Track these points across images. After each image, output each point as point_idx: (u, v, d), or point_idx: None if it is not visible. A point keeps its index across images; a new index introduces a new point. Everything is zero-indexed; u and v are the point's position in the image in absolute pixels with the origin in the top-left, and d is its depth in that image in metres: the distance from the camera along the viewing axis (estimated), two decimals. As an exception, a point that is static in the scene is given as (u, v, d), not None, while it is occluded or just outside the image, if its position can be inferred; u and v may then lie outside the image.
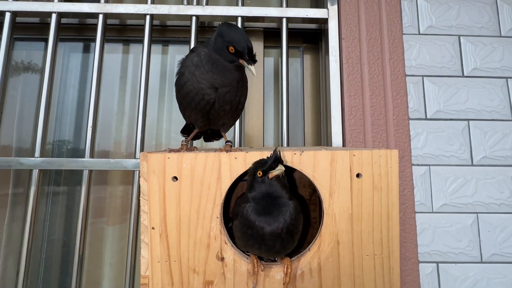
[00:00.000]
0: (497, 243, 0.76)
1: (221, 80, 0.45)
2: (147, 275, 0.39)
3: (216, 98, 0.45)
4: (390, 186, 0.40)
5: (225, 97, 0.46)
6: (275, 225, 0.39)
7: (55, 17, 0.84)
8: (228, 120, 0.50)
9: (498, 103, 0.82)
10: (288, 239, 0.40)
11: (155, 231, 0.40)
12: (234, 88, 0.46)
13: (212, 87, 0.45)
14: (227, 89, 0.46)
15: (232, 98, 0.47)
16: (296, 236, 0.42)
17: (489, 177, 0.79)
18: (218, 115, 0.48)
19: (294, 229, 0.41)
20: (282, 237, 0.40)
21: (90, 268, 0.91)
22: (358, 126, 0.80)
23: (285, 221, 0.40)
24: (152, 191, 0.40)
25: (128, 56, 1.01)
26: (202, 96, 0.45)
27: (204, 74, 0.45)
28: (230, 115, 0.49)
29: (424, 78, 0.83)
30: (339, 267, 0.40)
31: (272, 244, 0.40)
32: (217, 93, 0.45)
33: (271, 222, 0.40)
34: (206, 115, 0.48)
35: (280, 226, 0.39)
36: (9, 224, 0.90)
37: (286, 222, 0.40)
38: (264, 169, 0.40)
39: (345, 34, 0.84)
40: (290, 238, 0.41)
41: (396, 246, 0.40)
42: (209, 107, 0.46)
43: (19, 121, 0.96)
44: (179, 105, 0.51)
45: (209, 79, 0.45)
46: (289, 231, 0.40)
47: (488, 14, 0.86)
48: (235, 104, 0.48)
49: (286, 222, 0.40)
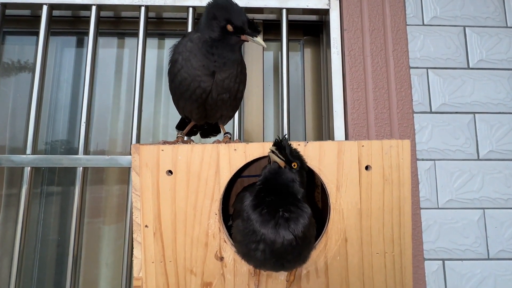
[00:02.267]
0: (504, 239, 0.74)
1: (220, 64, 0.42)
2: (140, 277, 0.37)
3: (213, 85, 0.42)
4: (401, 179, 0.38)
5: (223, 84, 0.43)
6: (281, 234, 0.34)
7: (46, 9, 0.81)
8: (226, 111, 0.46)
9: (504, 96, 0.80)
10: (299, 251, 0.35)
11: (148, 229, 0.37)
12: (233, 73, 0.43)
13: (208, 74, 0.42)
14: (226, 74, 0.43)
15: (231, 85, 0.44)
16: (309, 246, 0.36)
17: (495, 172, 0.77)
18: (215, 105, 0.44)
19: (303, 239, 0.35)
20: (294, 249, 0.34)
21: (86, 269, 0.88)
22: (361, 120, 0.78)
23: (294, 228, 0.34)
24: (145, 186, 0.37)
25: (123, 50, 0.98)
26: (198, 83, 0.42)
27: (201, 59, 0.42)
28: (228, 104, 0.45)
29: (429, 70, 0.81)
30: (347, 266, 0.38)
31: (281, 257, 0.34)
32: (214, 79, 0.42)
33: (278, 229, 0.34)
34: (203, 106, 0.44)
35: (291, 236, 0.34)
36: (3, 225, 0.88)
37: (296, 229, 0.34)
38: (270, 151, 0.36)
39: (347, 25, 0.81)
40: (302, 250, 0.35)
41: (408, 243, 0.38)
42: (205, 96, 0.43)
43: (11, 119, 0.93)
44: (173, 96, 0.47)
45: (206, 65, 0.42)
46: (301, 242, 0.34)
47: (494, 4, 0.84)
48: (234, 92, 0.45)
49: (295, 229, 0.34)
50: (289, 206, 0.36)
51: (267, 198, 0.36)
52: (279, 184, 0.37)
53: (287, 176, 0.37)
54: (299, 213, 0.36)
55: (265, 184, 0.37)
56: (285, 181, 0.37)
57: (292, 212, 0.35)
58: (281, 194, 0.37)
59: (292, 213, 0.35)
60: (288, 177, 0.37)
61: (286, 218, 0.34)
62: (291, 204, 0.36)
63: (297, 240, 0.34)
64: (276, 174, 0.37)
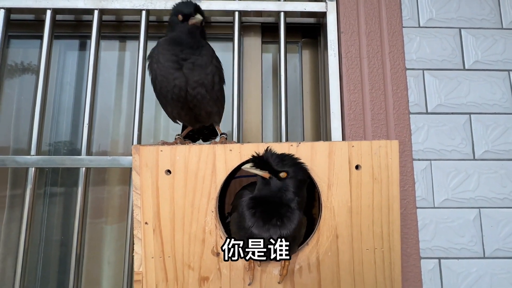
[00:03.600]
0: (500, 238, 0.75)
1: (185, 56, 0.44)
2: (140, 271, 0.38)
3: (185, 79, 0.44)
4: (390, 178, 0.39)
5: (194, 76, 0.44)
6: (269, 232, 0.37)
7: (50, 14, 0.83)
8: (210, 107, 0.47)
9: (500, 96, 0.81)
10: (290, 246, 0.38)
11: (148, 226, 0.39)
12: (198, 62, 0.44)
13: (178, 68, 0.43)
14: (191, 63, 0.44)
15: (202, 77, 0.44)
16: (294, 243, 0.39)
17: (491, 172, 0.78)
18: (197, 102, 0.45)
19: (290, 238, 0.38)
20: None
21: (89, 267, 0.90)
22: (358, 121, 0.79)
23: (282, 230, 0.37)
24: (145, 185, 0.39)
25: (125, 53, 1.00)
26: (173, 82, 0.44)
27: (168, 58, 0.44)
28: (208, 99, 0.46)
29: (425, 72, 0.82)
30: (338, 261, 0.39)
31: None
32: (184, 73, 0.43)
33: (267, 228, 0.37)
34: (187, 106, 0.46)
35: (276, 235, 0.37)
36: (7, 225, 0.90)
37: (284, 231, 0.37)
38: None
39: (344, 28, 0.83)
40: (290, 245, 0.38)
41: (397, 240, 0.39)
42: (184, 93, 0.44)
43: (15, 121, 0.95)
44: (161, 104, 0.50)
45: (174, 60, 0.44)
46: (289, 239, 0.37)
47: (489, 5, 0.85)
48: (210, 85, 0.45)
49: (283, 231, 0.37)
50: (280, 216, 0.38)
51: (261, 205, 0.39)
52: (269, 195, 0.38)
53: (274, 187, 0.38)
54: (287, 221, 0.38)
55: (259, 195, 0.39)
56: (273, 192, 0.38)
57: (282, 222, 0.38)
58: (272, 203, 0.39)
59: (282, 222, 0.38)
60: (274, 188, 0.38)
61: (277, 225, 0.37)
62: (281, 214, 0.38)
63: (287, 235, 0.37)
64: (265, 186, 0.39)
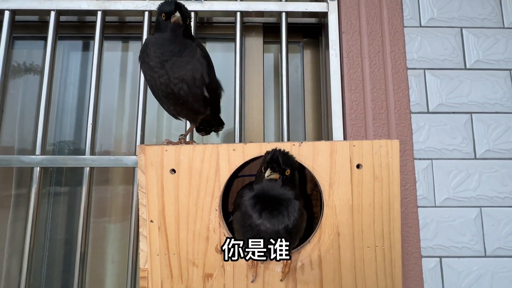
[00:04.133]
0: (501, 237, 0.75)
1: (168, 53, 0.45)
2: (146, 268, 0.39)
3: (168, 77, 0.44)
4: (391, 177, 0.39)
5: (174, 72, 0.45)
6: (274, 223, 0.38)
7: (54, 15, 0.84)
8: (198, 106, 0.48)
9: (501, 96, 0.81)
10: (288, 239, 0.38)
11: (153, 224, 0.40)
12: (178, 59, 0.45)
13: (160, 65, 0.45)
14: (171, 59, 0.45)
15: (182, 74, 0.45)
16: (296, 235, 0.40)
17: (492, 171, 0.78)
18: (182, 99, 0.46)
19: (294, 229, 0.39)
20: (281, 236, 0.38)
21: (93, 266, 0.91)
22: (359, 121, 0.79)
23: (286, 220, 0.38)
24: (150, 183, 0.40)
25: (128, 53, 1.01)
26: (158, 80, 0.45)
27: (152, 56, 0.46)
28: (192, 97, 0.46)
29: (426, 71, 0.82)
30: (340, 259, 0.40)
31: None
32: (165, 69, 0.45)
33: (271, 219, 0.38)
34: (178, 103, 0.47)
35: (281, 225, 0.38)
36: (12, 224, 0.91)
37: (288, 221, 0.38)
38: (264, 167, 0.39)
39: (345, 28, 0.83)
40: (290, 238, 0.39)
41: (397, 238, 0.39)
42: (170, 90, 0.45)
43: (20, 121, 0.96)
44: (161, 105, 0.51)
45: (157, 58, 0.45)
46: (289, 230, 0.38)
47: (491, 5, 0.85)
48: (191, 82, 0.45)
49: (287, 221, 0.38)
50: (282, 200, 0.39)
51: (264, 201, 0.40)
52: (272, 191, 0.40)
53: (279, 184, 0.40)
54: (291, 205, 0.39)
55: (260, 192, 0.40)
56: (277, 188, 0.40)
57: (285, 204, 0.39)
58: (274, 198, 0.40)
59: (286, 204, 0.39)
60: (279, 185, 0.40)
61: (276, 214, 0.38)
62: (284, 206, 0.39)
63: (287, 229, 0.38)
64: (268, 182, 0.40)
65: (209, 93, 0.49)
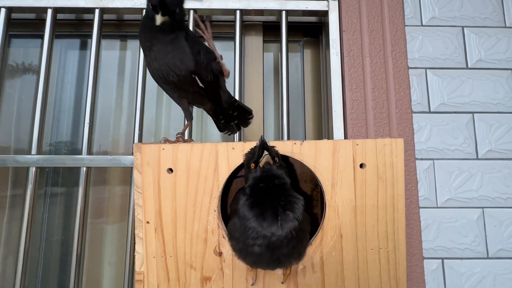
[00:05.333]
0: (503, 238, 0.75)
1: (148, 41, 0.45)
2: (142, 271, 0.38)
3: (156, 61, 0.45)
4: (395, 176, 0.38)
5: (160, 60, 0.45)
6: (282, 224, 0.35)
7: (50, 13, 0.83)
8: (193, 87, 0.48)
9: (503, 95, 0.81)
10: (296, 244, 0.36)
11: (150, 226, 0.38)
12: (164, 48, 0.45)
13: (148, 49, 0.45)
14: (156, 47, 0.45)
15: (166, 61, 0.45)
16: (305, 241, 0.38)
17: (494, 171, 0.77)
18: (177, 87, 0.47)
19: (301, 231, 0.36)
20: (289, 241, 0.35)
21: (90, 267, 0.89)
22: (360, 120, 0.78)
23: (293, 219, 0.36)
24: (147, 183, 0.38)
25: (126, 52, 1.00)
26: (152, 63, 0.46)
27: (142, 43, 0.47)
28: (186, 84, 0.46)
29: (428, 71, 0.81)
30: (343, 261, 0.38)
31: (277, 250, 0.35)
32: (153, 55, 0.45)
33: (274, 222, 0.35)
34: (176, 88, 0.48)
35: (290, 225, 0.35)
36: (8, 224, 0.89)
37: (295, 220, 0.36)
38: (255, 159, 0.38)
39: (346, 27, 0.82)
40: (299, 243, 0.36)
41: (402, 239, 0.38)
42: (163, 76, 0.46)
43: (16, 120, 0.95)
44: (166, 92, 0.52)
45: (144, 39, 0.46)
46: (297, 234, 0.35)
47: (492, 4, 0.84)
48: (178, 71, 0.45)
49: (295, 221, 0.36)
50: (284, 196, 0.38)
51: (262, 195, 0.38)
52: (272, 179, 0.38)
53: (277, 171, 0.39)
54: (294, 200, 0.37)
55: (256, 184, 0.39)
56: (278, 175, 0.38)
57: (287, 201, 0.37)
58: (273, 188, 0.38)
59: (288, 202, 0.37)
60: (278, 172, 0.39)
61: (282, 206, 0.36)
62: (285, 194, 0.38)
63: (294, 231, 0.36)
64: (268, 172, 0.38)
65: (202, 81, 0.48)
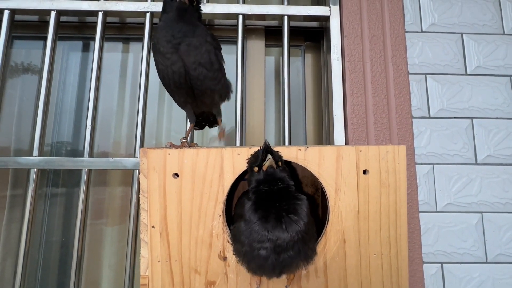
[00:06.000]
0: (502, 243, 0.75)
1: (172, 31, 0.43)
2: (147, 275, 0.38)
3: (183, 63, 0.43)
4: (398, 182, 0.39)
5: (190, 55, 0.43)
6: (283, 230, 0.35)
7: (54, 15, 0.83)
8: (214, 86, 0.46)
9: (502, 101, 0.82)
10: (302, 246, 0.36)
11: (155, 230, 0.39)
12: (193, 43, 0.43)
13: (172, 50, 0.43)
14: (186, 45, 0.43)
15: (198, 58, 0.43)
16: (311, 242, 0.37)
17: (493, 176, 0.78)
18: (200, 82, 0.45)
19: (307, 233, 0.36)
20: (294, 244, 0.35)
21: (89, 270, 0.89)
22: (360, 125, 0.79)
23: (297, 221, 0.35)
24: (152, 188, 0.39)
25: (128, 54, 1.00)
26: (171, 68, 0.44)
27: (163, 43, 0.44)
28: (211, 77, 0.45)
29: (427, 76, 0.82)
30: (346, 266, 0.39)
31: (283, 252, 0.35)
32: (180, 57, 0.43)
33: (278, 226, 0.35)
34: (191, 92, 0.46)
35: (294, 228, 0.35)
36: (7, 225, 0.89)
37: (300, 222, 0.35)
38: (258, 163, 0.38)
39: (347, 32, 0.83)
40: (305, 246, 0.36)
41: (404, 245, 0.39)
42: (183, 79, 0.44)
43: (17, 122, 0.95)
44: (170, 95, 0.50)
45: (168, 46, 0.44)
46: (302, 236, 0.35)
47: (491, 11, 0.85)
48: (208, 64, 0.44)
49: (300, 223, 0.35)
50: (287, 199, 0.38)
51: (266, 199, 0.38)
52: (276, 183, 0.39)
53: (280, 174, 0.39)
54: (298, 203, 0.38)
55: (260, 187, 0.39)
56: (281, 178, 0.39)
57: (291, 204, 0.37)
58: (277, 192, 0.38)
59: (292, 204, 0.37)
60: (281, 175, 0.39)
61: (286, 209, 0.36)
62: (288, 197, 0.38)
63: (299, 233, 0.36)
64: (272, 176, 0.39)
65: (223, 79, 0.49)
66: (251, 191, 0.39)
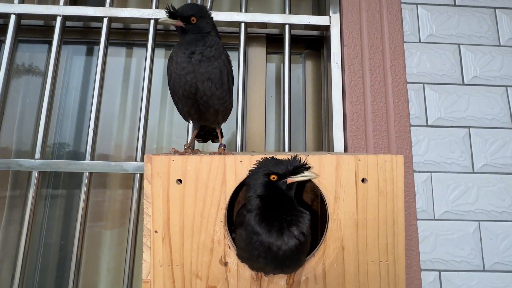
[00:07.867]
0: (499, 251, 0.76)
1: (188, 49, 0.47)
2: (148, 279, 0.39)
3: (195, 74, 0.46)
4: (395, 191, 0.40)
5: (201, 68, 0.46)
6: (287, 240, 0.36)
7: (60, 20, 0.85)
8: (219, 106, 0.49)
9: (498, 111, 0.83)
10: (299, 256, 0.38)
11: (157, 235, 0.39)
12: (206, 53, 0.47)
13: (187, 59, 0.46)
14: (199, 54, 0.46)
15: (209, 70, 0.46)
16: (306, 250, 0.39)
17: (490, 185, 0.79)
18: (207, 98, 0.47)
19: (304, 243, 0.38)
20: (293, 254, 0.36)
21: (88, 273, 0.89)
22: (359, 132, 0.80)
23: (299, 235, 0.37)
24: (156, 193, 0.39)
25: (131, 59, 1.02)
26: (184, 78, 0.46)
27: (180, 54, 0.48)
28: (217, 96, 0.48)
29: (425, 86, 0.84)
30: (344, 273, 0.40)
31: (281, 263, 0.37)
32: (193, 66, 0.46)
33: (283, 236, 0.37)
34: (196, 104, 0.48)
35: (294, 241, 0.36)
36: (6, 227, 0.89)
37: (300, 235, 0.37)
38: (283, 173, 0.38)
39: (347, 41, 0.85)
40: (302, 255, 0.38)
41: (401, 252, 0.40)
42: (194, 90, 0.46)
43: (19, 123, 0.96)
44: (174, 102, 0.52)
45: (183, 56, 0.47)
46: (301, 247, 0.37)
47: (487, 23, 0.88)
48: (217, 80, 0.47)
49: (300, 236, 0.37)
50: (290, 212, 0.39)
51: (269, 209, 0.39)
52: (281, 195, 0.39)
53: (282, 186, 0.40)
54: (300, 216, 0.39)
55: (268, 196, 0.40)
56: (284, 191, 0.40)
57: (294, 216, 0.38)
58: (280, 203, 0.39)
59: (294, 216, 0.38)
60: (284, 188, 0.40)
61: (289, 222, 0.37)
62: (292, 210, 0.39)
63: (299, 245, 0.37)
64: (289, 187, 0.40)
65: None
66: (258, 197, 0.39)
